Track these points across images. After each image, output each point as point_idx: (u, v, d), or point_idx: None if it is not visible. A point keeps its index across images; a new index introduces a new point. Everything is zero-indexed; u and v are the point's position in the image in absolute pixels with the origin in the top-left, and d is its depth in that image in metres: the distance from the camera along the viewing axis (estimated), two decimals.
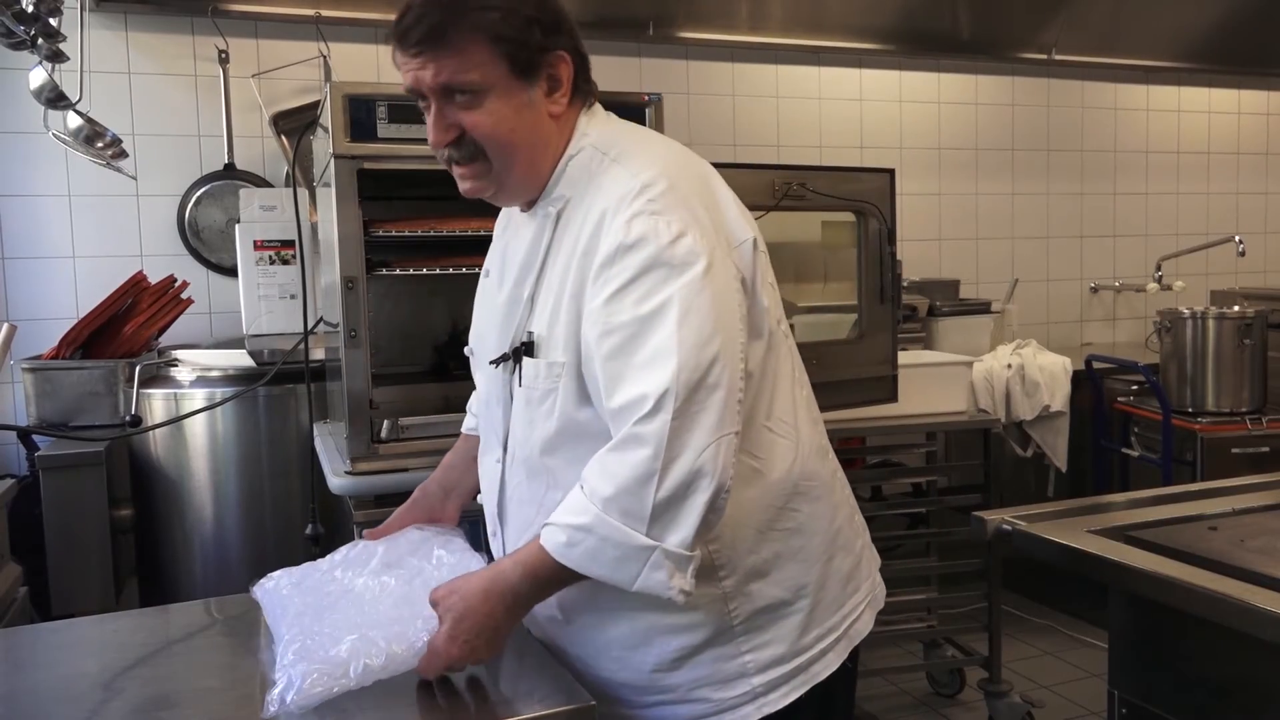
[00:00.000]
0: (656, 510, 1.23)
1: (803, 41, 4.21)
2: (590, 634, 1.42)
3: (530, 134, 1.37)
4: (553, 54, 1.36)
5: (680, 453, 1.23)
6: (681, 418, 1.23)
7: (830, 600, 1.46)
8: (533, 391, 1.39)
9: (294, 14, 3.46)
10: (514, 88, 1.34)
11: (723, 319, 1.28)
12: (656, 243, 1.27)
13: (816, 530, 1.45)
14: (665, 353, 1.24)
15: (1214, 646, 1.55)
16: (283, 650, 1.31)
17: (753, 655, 1.40)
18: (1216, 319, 3.53)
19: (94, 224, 3.37)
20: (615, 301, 1.28)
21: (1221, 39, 4.77)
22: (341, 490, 2.12)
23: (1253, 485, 2.03)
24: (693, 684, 1.39)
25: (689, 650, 1.38)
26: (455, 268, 2.32)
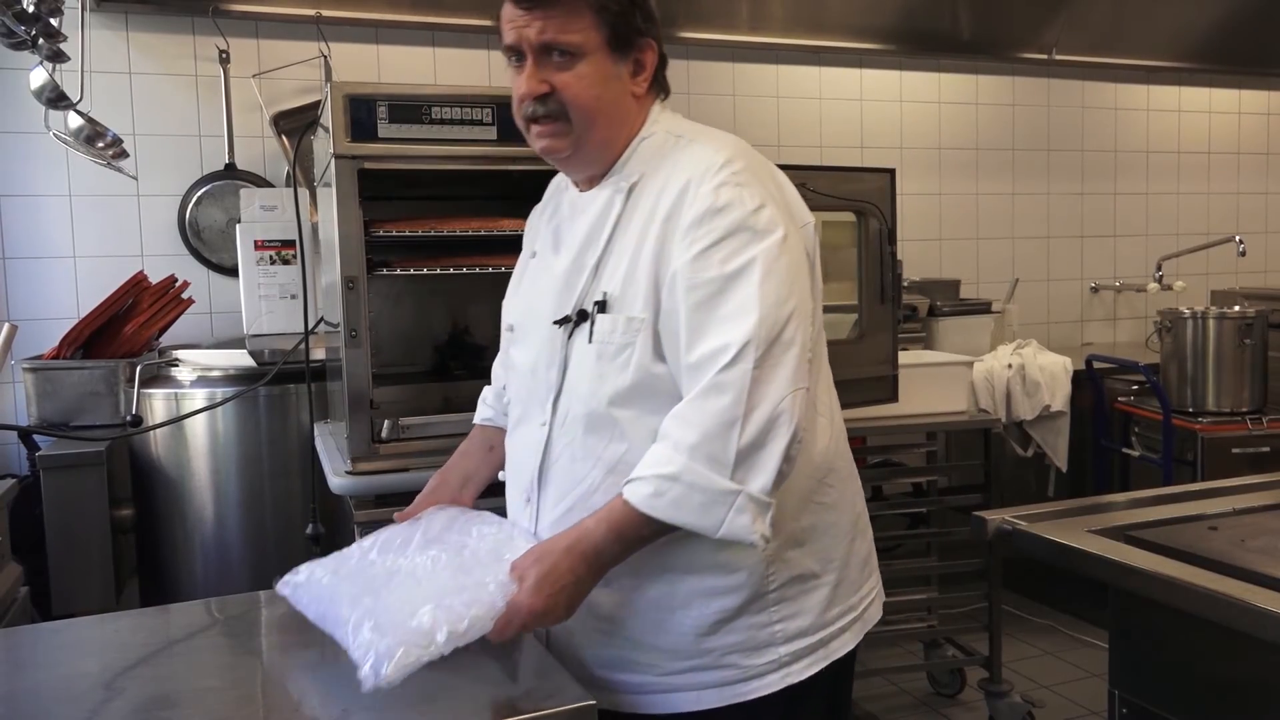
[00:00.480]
0: (740, 455, 1.31)
1: (803, 41, 4.21)
2: (629, 596, 1.45)
3: (612, 105, 1.48)
4: (644, 39, 1.49)
5: (760, 401, 1.31)
6: (761, 368, 1.32)
7: (851, 580, 1.54)
8: (606, 346, 1.44)
9: (294, 14, 3.46)
10: (606, 59, 1.46)
11: (796, 284, 1.39)
12: (742, 209, 1.38)
13: (844, 509, 1.54)
14: (747, 307, 1.33)
15: (1214, 646, 1.55)
16: (354, 629, 1.30)
17: (782, 625, 1.45)
18: (1217, 319, 3.53)
19: (95, 224, 3.38)
20: (702, 259, 1.37)
21: (1222, 39, 4.77)
22: (342, 490, 2.12)
23: (1253, 485, 2.03)
24: (725, 649, 1.44)
25: (727, 614, 1.43)
26: (455, 268, 2.32)
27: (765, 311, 1.33)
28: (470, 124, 2.17)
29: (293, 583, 1.56)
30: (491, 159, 2.20)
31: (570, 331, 1.48)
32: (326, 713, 1.29)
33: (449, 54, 3.73)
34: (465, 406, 2.38)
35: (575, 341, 1.48)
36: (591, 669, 1.50)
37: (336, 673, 1.46)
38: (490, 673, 1.37)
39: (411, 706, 1.29)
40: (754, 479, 1.32)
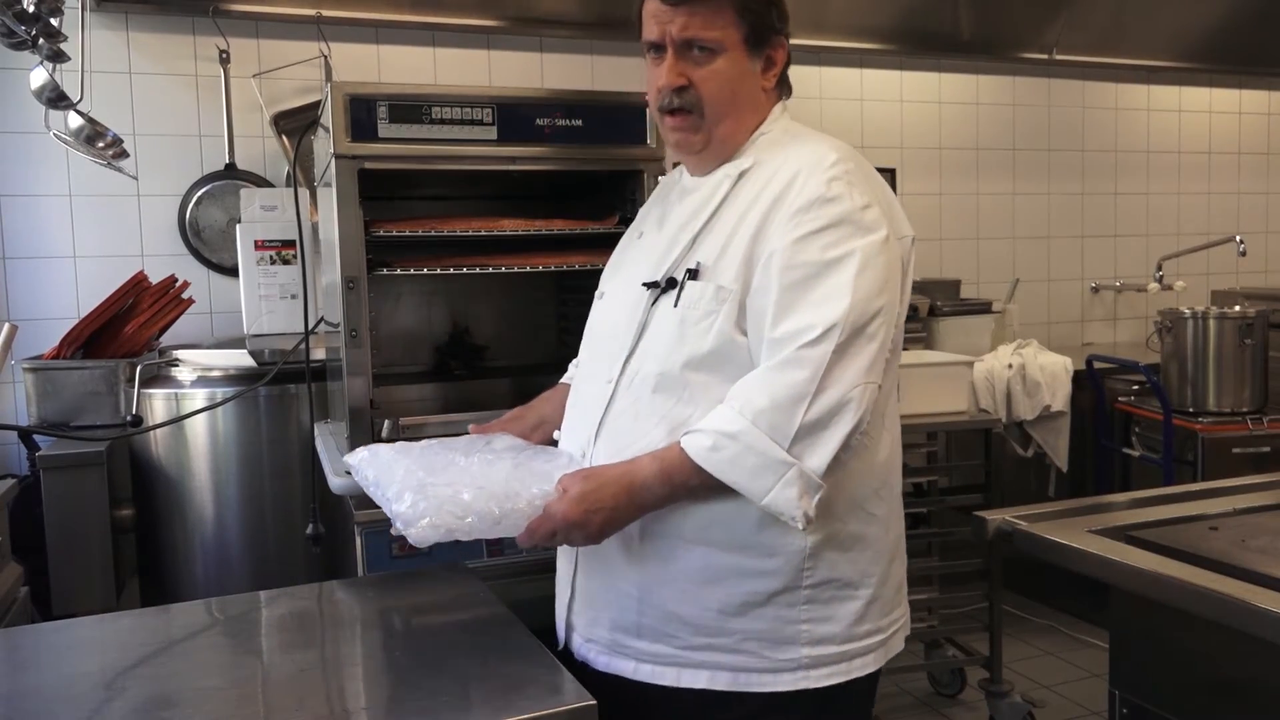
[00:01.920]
0: (802, 430, 1.34)
1: (803, 41, 4.20)
2: (661, 560, 1.48)
3: (744, 99, 1.56)
4: (778, 37, 1.57)
5: (833, 383, 1.34)
6: (841, 353, 1.35)
7: (886, 600, 1.53)
8: (691, 312, 1.48)
9: (295, 14, 3.46)
10: (743, 55, 1.53)
11: (890, 284, 1.42)
12: (850, 203, 1.42)
13: (891, 526, 1.54)
14: (840, 293, 1.37)
15: (1214, 646, 1.55)
16: (399, 493, 1.39)
17: (809, 625, 1.45)
18: (1217, 319, 3.53)
19: (95, 224, 3.38)
20: (804, 242, 1.41)
21: (1222, 39, 4.77)
22: (342, 490, 2.12)
23: (1253, 485, 2.03)
24: (747, 634, 1.45)
25: (756, 598, 1.44)
26: (455, 268, 2.32)
27: (856, 300, 1.36)
28: (470, 124, 2.17)
29: (361, 455, 1.63)
30: (491, 159, 2.20)
31: (656, 297, 1.53)
32: (327, 713, 1.29)
33: (449, 54, 3.73)
34: (465, 406, 2.38)
35: (660, 306, 1.53)
36: (612, 633, 1.54)
37: (337, 673, 1.47)
38: (491, 673, 1.37)
39: (412, 706, 1.29)
40: (810, 456, 1.35)
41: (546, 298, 2.89)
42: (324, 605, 1.76)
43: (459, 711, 1.26)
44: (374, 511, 2.10)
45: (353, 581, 1.96)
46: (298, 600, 1.76)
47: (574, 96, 2.26)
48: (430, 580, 1.80)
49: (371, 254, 2.16)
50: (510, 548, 2.15)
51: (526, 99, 2.21)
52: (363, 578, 2.02)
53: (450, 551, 2.09)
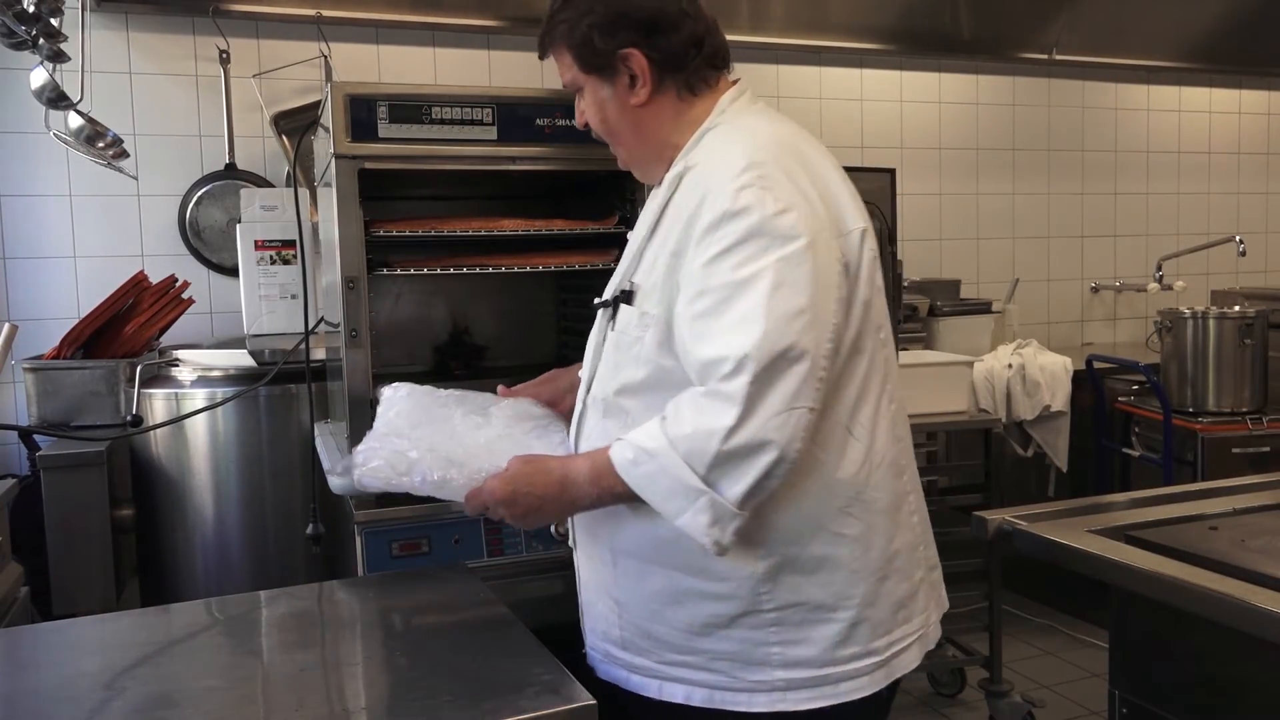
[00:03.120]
0: (718, 459, 1.29)
1: (803, 41, 4.21)
2: (632, 580, 1.49)
3: (619, 124, 1.53)
4: (619, 53, 1.48)
5: (753, 415, 1.28)
6: (759, 384, 1.28)
7: (878, 622, 1.45)
8: (624, 337, 1.47)
9: (295, 14, 3.46)
10: (596, 85, 1.52)
11: (817, 296, 1.32)
12: (761, 213, 1.33)
13: (873, 545, 1.44)
14: (752, 319, 1.29)
15: (1214, 646, 1.55)
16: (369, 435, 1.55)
17: (780, 649, 1.41)
18: (1217, 319, 3.53)
19: (95, 224, 3.38)
20: (714, 264, 1.33)
21: (1222, 39, 4.77)
22: (342, 490, 2.12)
23: (1253, 485, 2.04)
24: (716, 654, 1.43)
25: (719, 621, 1.42)
26: (455, 268, 2.32)
27: (770, 325, 1.28)
28: (470, 124, 2.16)
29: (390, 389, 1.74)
30: (491, 159, 2.20)
31: (610, 316, 1.51)
32: (327, 713, 1.29)
33: (449, 54, 3.73)
34: None
35: (609, 326, 1.51)
36: (603, 643, 1.56)
37: (337, 673, 1.47)
38: (491, 673, 1.37)
39: (412, 706, 1.29)
40: (727, 486, 1.30)
41: (546, 298, 2.89)
42: (324, 605, 1.76)
43: (459, 711, 1.26)
44: (374, 511, 2.10)
45: (353, 581, 1.96)
46: (298, 600, 1.76)
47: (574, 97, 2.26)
48: (430, 580, 1.80)
49: (371, 254, 2.15)
50: (511, 548, 2.15)
51: (526, 99, 2.21)
52: (363, 578, 2.02)
53: (450, 551, 2.10)
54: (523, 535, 2.15)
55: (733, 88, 1.55)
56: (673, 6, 1.48)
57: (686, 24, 1.48)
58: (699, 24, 1.50)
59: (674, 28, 1.48)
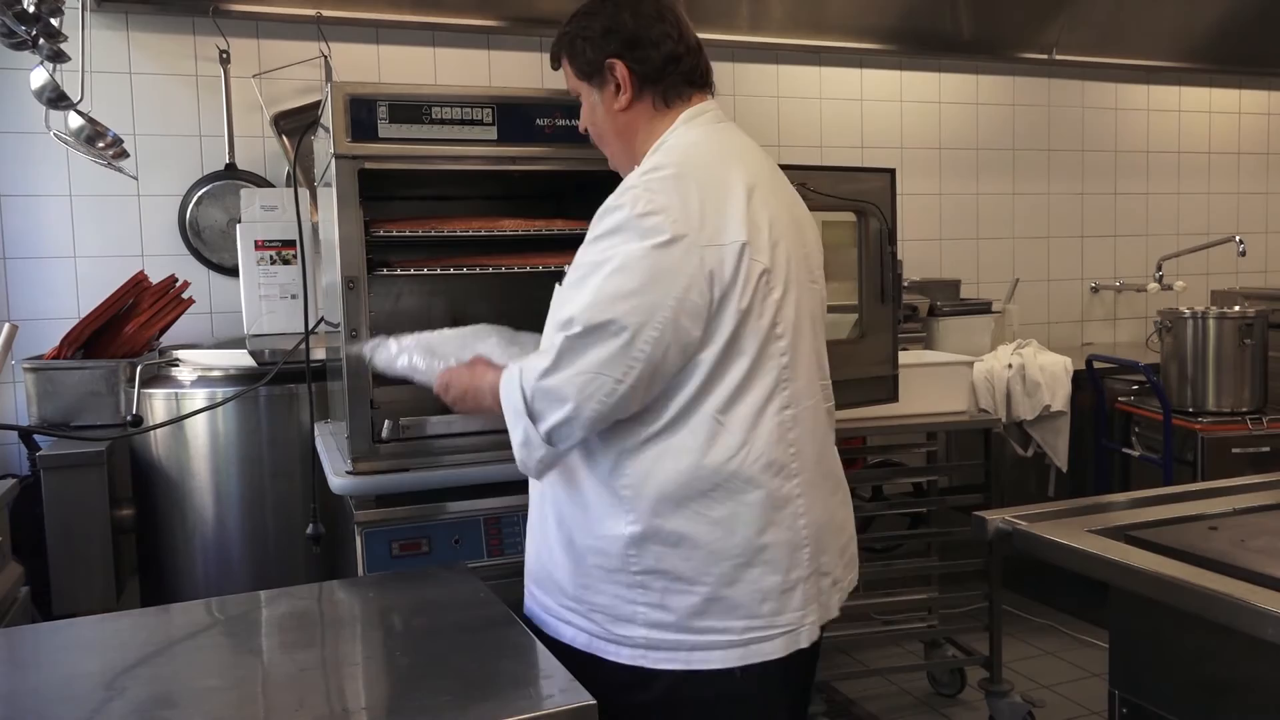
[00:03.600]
0: (533, 395, 1.52)
1: (803, 41, 4.21)
2: (541, 527, 1.70)
3: (606, 128, 1.72)
4: (604, 61, 1.67)
5: (560, 368, 1.49)
6: (573, 343, 1.48)
7: (735, 604, 1.54)
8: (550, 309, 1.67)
9: (295, 14, 3.46)
10: (590, 92, 1.72)
11: (653, 287, 1.48)
12: (630, 210, 1.51)
13: (738, 531, 1.54)
14: (588, 292, 1.49)
15: (1214, 646, 1.55)
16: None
17: (645, 609, 1.55)
18: (1217, 319, 3.53)
19: (95, 224, 3.38)
20: (585, 249, 1.56)
21: (1222, 39, 4.77)
22: (342, 490, 2.12)
23: (1253, 485, 2.03)
24: (593, 606, 1.59)
25: (595, 575, 1.58)
26: (456, 268, 2.32)
27: (599, 298, 1.48)
28: (470, 124, 2.17)
29: None
30: (492, 159, 2.20)
31: None
32: (327, 713, 1.29)
33: (449, 54, 3.74)
34: None
35: None
36: (528, 581, 1.75)
37: (337, 673, 1.47)
38: (491, 673, 1.37)
39: (412, 706, 1.29)
40: (539, 421, 1.52)
41: (546, 298, 2.86)
42: (324, 605, 1.76)
43: (459, 711, 1.26)
44: (374, 511, 2.11)
45: (353, 581, 1.96)
46: (298, 600, 1.76)
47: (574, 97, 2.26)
48: (430, 580, 1.81)
49: (371, 254, 2.16)
50: (510, 548, 2.15)
51: (526, 99, 2.21)
52: (363, 578, 2.02)
53: (450, 551, 2.10)
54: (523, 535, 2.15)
55: (695, 105, 1.70)
56: (656, 28, 1.67)
57: (667, 43, 1.67)
58: (680, 45, 1.69)
59: (655, 45, 1.66)
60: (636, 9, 1.68)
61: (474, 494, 2.16)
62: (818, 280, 1.71)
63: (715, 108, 1.72)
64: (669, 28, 1.68)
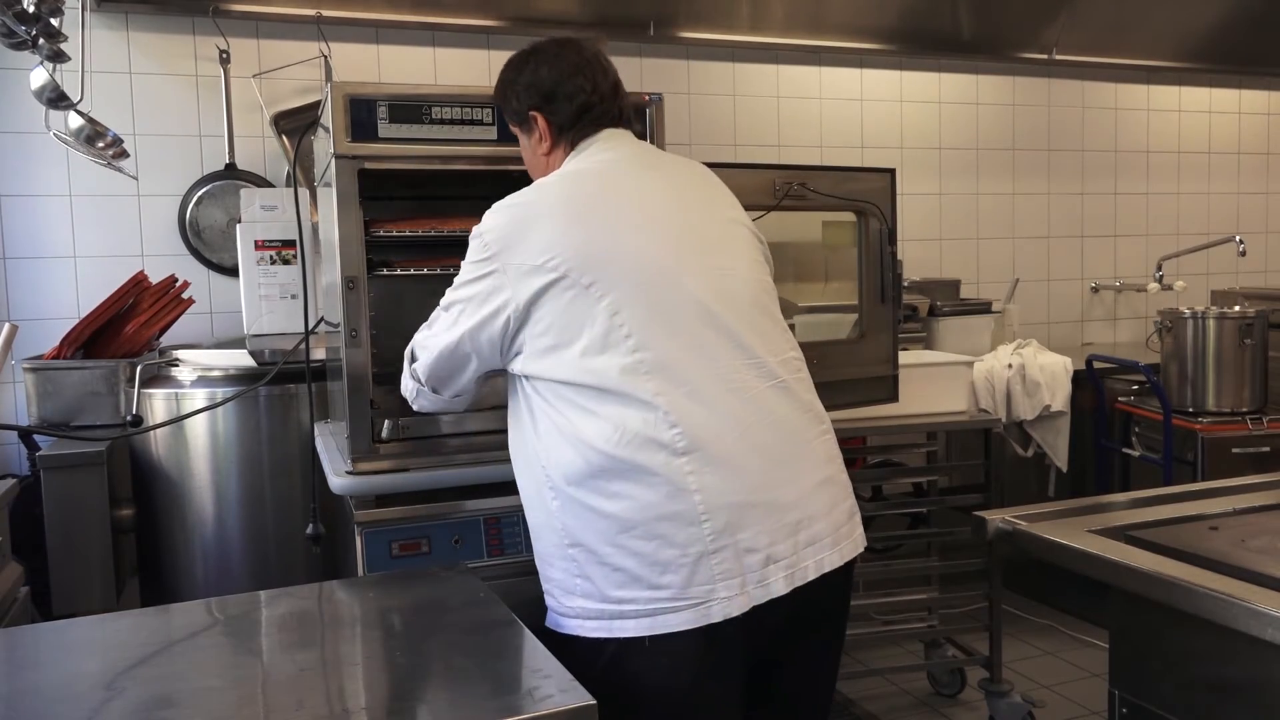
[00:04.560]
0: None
1: (803, 41, 4.21)
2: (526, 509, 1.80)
3: (533, 166, 1.94)
4: (527, 114, 1.88)
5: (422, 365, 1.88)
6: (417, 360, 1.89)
7: (638, 574, 1.62)
8: None
9: (295, 14, 3.46)
10: (520, 134, 1.94)
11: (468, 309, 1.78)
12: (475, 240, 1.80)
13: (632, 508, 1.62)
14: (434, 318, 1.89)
15: (1214, 646, 1.55)
16: None
17: (581, 581, 1.67)
18: (1217, 319, 3.53)
19: (95, 224, 3.38)
20: None
21: (1222, 39, 4.77)
22: (342, 490, 2.12)
23: (1253, 485, 2.04)
24: (553, 583, 1.72)
25: (549, 552, 1.72)
26: (456, 268, 2.31)
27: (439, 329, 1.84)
28: (470, 124, 2.17)
29: None
30: (491, 159, 2.20)
31: None
32: (327, 713, 1.29)
33: (449, 54, 3.74)
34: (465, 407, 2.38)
35: None
36: None
37: (337, 673, 1.47)
38: (491, 673, 1.37)
39: (412, 706, 1.29)
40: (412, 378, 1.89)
41: None
42: (324, 605, 1.76)
43: (459, 711, 1.26)
44: (374, 511, 2.10)
45: (353, 581, 1.96)
46: (298, 600, 1.76)
47: None
48: (430, 580, 1.80)
49: (371, 254, 2.16)
50: (510, 548, 2.15)
51: None
52: (363, 578, 2.02)
53: (450, 551, 2.10)
54: (523, 535, 2.15)
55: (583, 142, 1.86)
56: (571, 82, 1.83)
57: (580, 96, 1.83)
58: (594, 95, 1.84)
59: (569, 98, 1.84)
60: (556, 64, 1.85)
61: (474, 494, 2.16)
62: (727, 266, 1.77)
63: (612, 134, 1.86)
64: (584, 80, 1.84)
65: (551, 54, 1.86)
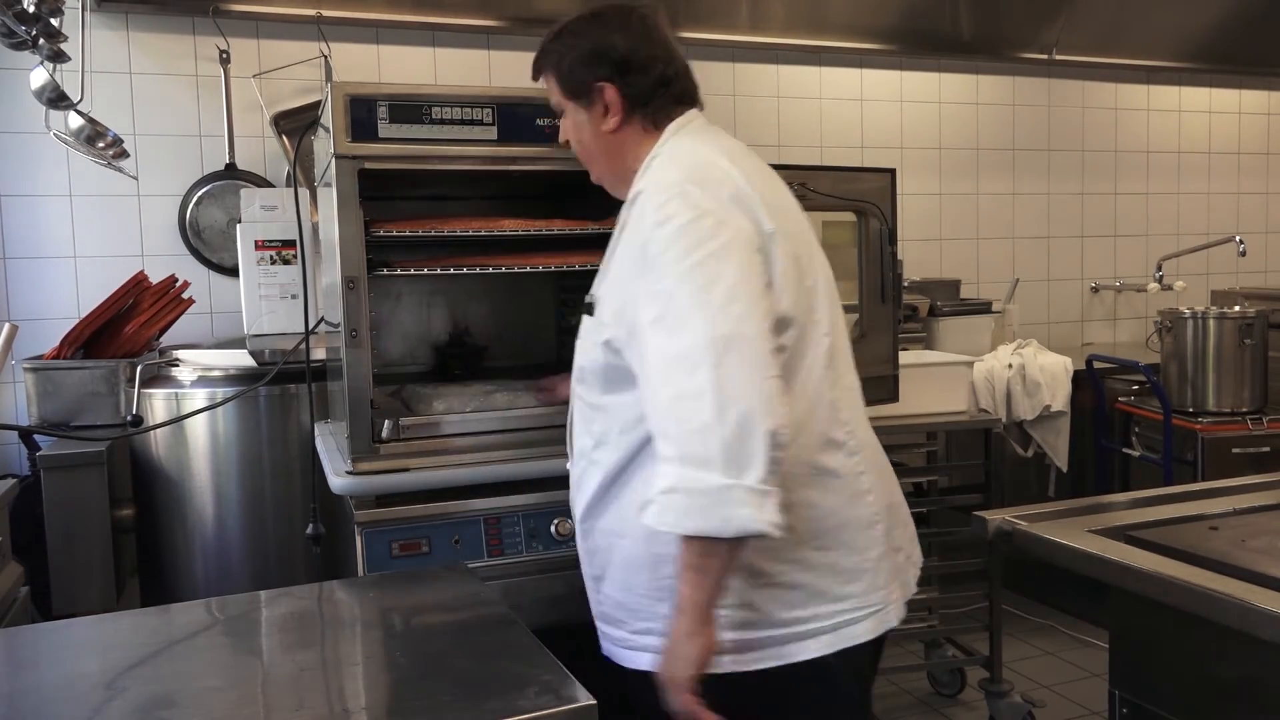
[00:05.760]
0: (726, 449, 1.32)
1: (803, 41, 4.21)
2: (604, 553, 1.60)
3: (592, 146, 1.69)
4: (595, 84, 1.64)
5: (732, 398, 1.33)
6: (723, 365, 1.34)
7: (819, 588, 1.51)
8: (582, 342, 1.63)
9: (295, 14, 3.46)
10: (575, 109, 1.68)
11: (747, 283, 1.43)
12: (682, 219, 1.45)
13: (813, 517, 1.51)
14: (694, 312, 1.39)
15: (1214, 646, 1.55)
16: None
17: (728, 611, 1.47)
18: (1217, 319, 3.53)
19: (95, 224, 3.38)
20: (654, 273, 1.45)
21: (1222, 39, 4.77)
22: (342, 490, 2.12)
23: (1253, 485, 2.03)
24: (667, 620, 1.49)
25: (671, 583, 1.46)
26: (456, 268, 2.32)
27: (714, 313, 1.37)
28: (470, 124, 2.17)
29: None
30: (492, 159, 2.20)
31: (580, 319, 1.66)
32: (327, 713, 1.29)
33: (449, 54, 3.73)
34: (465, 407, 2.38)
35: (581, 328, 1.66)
36: (598, 622, 1.68)
37: (337, 673, 1.47)
38: (491, 673, 1.37)
39: (412, 706, 1.29)
40: (747, 471, 1.32)
41: (546, 298, 2.89)
42: (324, 605, 1.76)
43: (459, 711, 1.26)
44: (374, 511, 2.10)
45: (353, 581, 1.96)
46: (298, 600, 1.76)
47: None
48: (430, 580, 1.80)
49: (371, 254, 2.16)
50: (510, 548, 2.15)
51: (526, 99, 2.21)
52: (363, 578, 2.02)
53: (450, 551, 2.10)
54: (523, 535, 2.15)
55: (679, 118, 1.67)
56: (645, 50, 1.63)
57: (657, 67, 1.64)
58: (670, 67, 1.65)
59: (644, 69, 1.63)
60: (626, 30, 1.63)
61: (474, 494, 2.16)
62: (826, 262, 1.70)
63: (700, 115, 1.71)
64: (658, 50, 1.65)
65: (619, 20, 1.64)
